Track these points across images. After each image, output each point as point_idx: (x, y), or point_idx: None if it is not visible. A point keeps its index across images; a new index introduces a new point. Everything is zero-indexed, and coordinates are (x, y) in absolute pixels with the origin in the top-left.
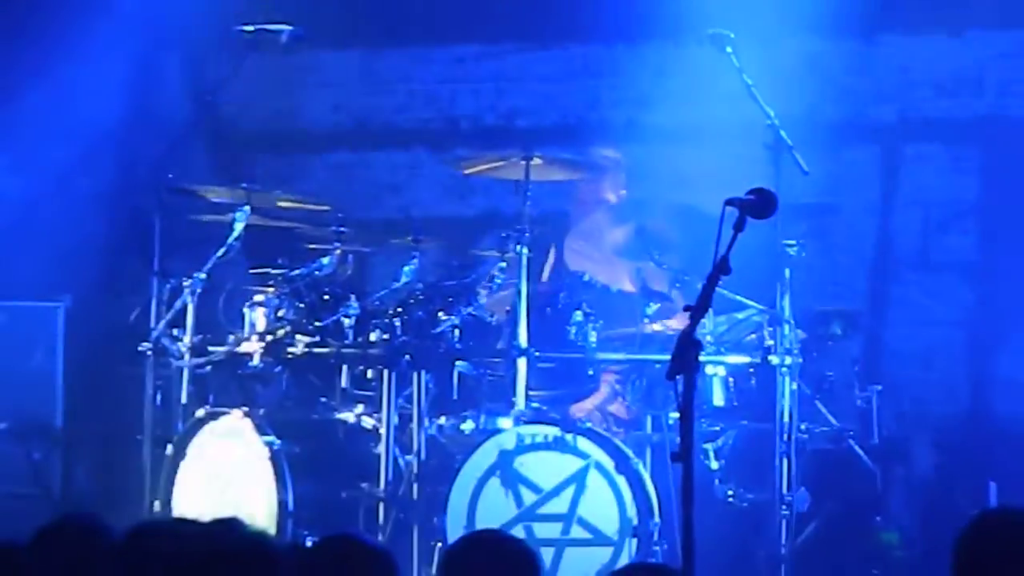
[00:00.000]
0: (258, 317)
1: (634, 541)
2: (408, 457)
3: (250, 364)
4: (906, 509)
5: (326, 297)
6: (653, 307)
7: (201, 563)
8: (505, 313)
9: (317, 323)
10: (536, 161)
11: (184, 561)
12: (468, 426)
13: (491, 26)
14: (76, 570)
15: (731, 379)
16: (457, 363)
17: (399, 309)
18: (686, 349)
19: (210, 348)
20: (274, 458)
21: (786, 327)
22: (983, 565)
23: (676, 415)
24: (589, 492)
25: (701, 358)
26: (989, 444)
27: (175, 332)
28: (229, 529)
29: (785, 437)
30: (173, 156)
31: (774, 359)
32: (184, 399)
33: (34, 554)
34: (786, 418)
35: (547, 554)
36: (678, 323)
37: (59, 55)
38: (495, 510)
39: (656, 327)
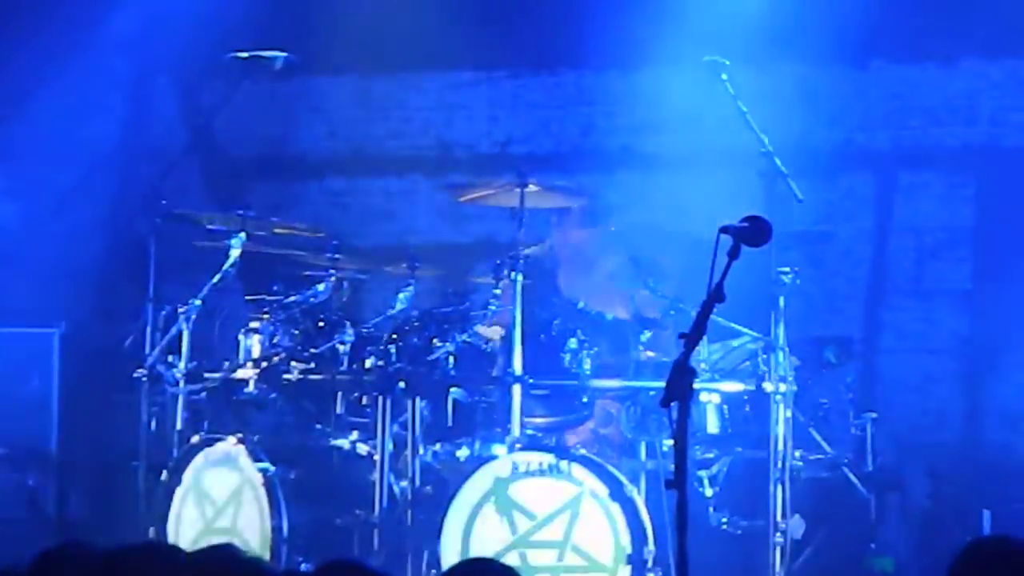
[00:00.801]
0: (253, 343)
1: (628, 568)
2: (403, 483)
3: (245, 390)
4: (900, 537)
5: (321, 324)
6: (647, 335)
7: None
8: (499, 340)
9: (312, 350)
10: (531, 188)
11: None
12: (463, 453)
13: (485, 52)
14: None
15: (725, 406)
16: (452, 390)
17: (394, 336)
18: (680, 376)
19: (205, 374)
20: (268, 484)
21: (780, 354)
22: None
23: (670, 442)
24: (583, 519)
25: (695, 385)
26: (983, 472)
27: (170, 358)
28: (224, 555)
29: (779, 464)
30: (168, 182)
31: (768, 386)
32: (179, 425)
33: None
34: (780, 446)
35: None
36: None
37: (54, 82)
38: (490, 537)
39: (650, 354)
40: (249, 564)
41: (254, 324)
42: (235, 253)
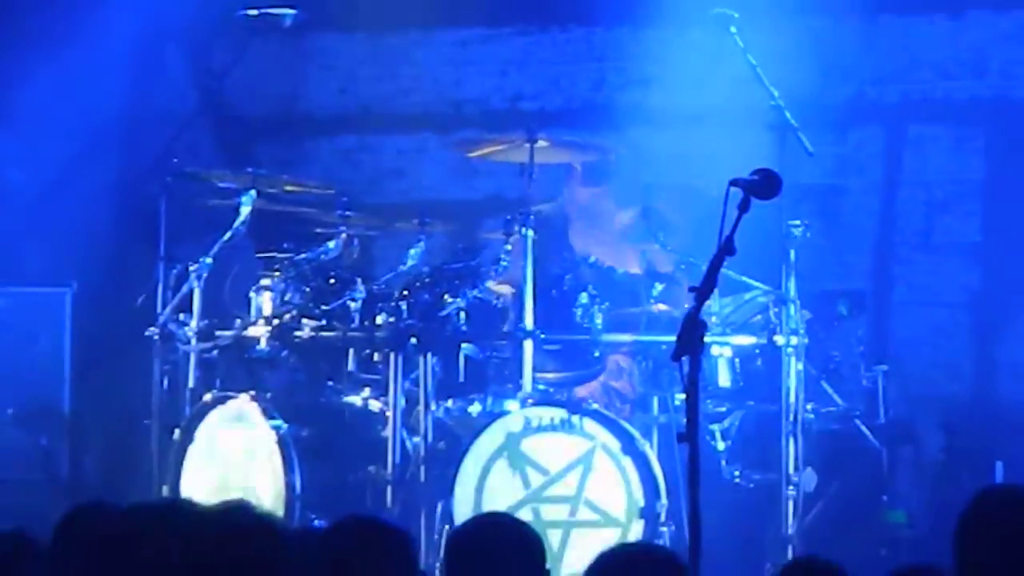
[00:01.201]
0: (264, 301)
1: (641, 522)
2: (415, 440)
3: (257, 348)
4: (912, 489)
5: (332, 281)
6: (659, 288)
7: (212, 544)
8: (511, 296)
9: (323, 307)
10: (541, 143)
11: (194, 542)
12: (475, 408)
13: (495, 9)
14: (90, 554)
15: (737, 360)
16: (463, 346)
17: (405, 292)
18: (691, 330)
19: (217, 333)
20: (281, 442)
21: (791, 308)
22: (985, 541)
23: (682, 396)
24: (596, 473)
25: (706, 339)
26: (995, 424)
27: (182, 317)
28: (239, 511)
29: (791, 418)
30: (178, 142)
31: (780, 340)
32: (191, 384)
33: (56, 540)
34: (792, 399)
35: (554, 536)
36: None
37: (62, 44)
38: (502, 492)
39: (662, 307)
40: (264, 520)
41: (265, 282)
42: (245, 211)
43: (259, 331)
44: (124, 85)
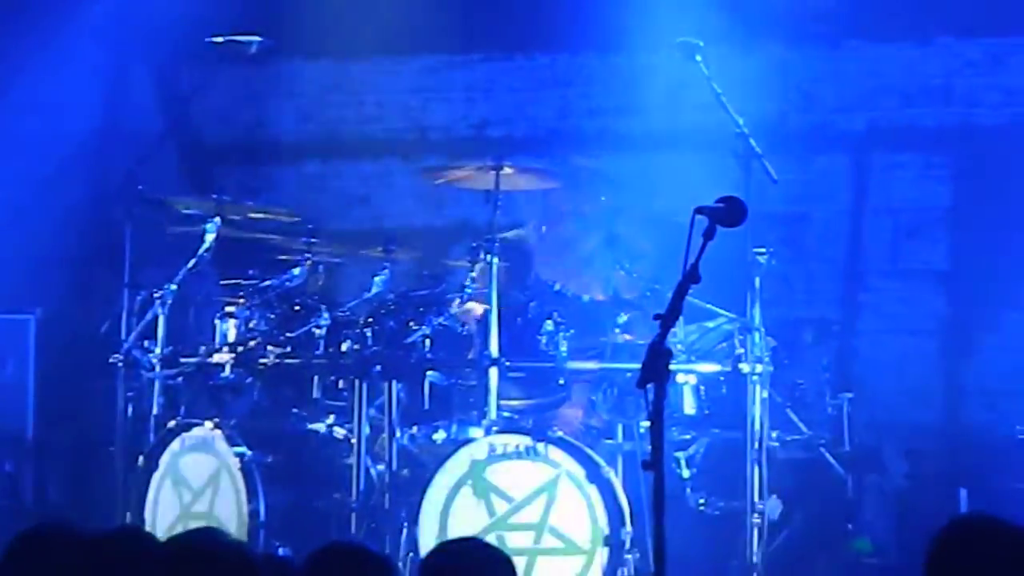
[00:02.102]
0: (229, 328)
1: (606, 550)
2: (380, 467)
3: (221, 375)
4: (878, 516)
5: (297, 308)
6: (624, 316)
7: (183, 568)
8: (481, 314)
9: (288, 334)
10: (506, 171)
11: (165, 566)
12: (440, 436)
13: (461, 36)
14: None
15: (702, 388)
16: (428, 373)
17: (370, 319)
18: (656, 358)
19: (181, 359)
20: (245, 469)
21: (757, 335)
22: (955, 572)
23: (647, 424)
24: (560, 501)
25: (672, 367)
26: (960, 452)
27: (146, 343)
28: (208, 539)
29: (756, 445)
30: (144, 168)
31: (745, 367)
32: (155, 410)
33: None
34: (757, 426)
35: (519, 563)
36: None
37: (29, 68)
38: (467, 520)
39: (627, 337)
40: (232, 548)
41: (230, 308)
42: (210, 238)
43: (223, 358)
44: (91, 110)
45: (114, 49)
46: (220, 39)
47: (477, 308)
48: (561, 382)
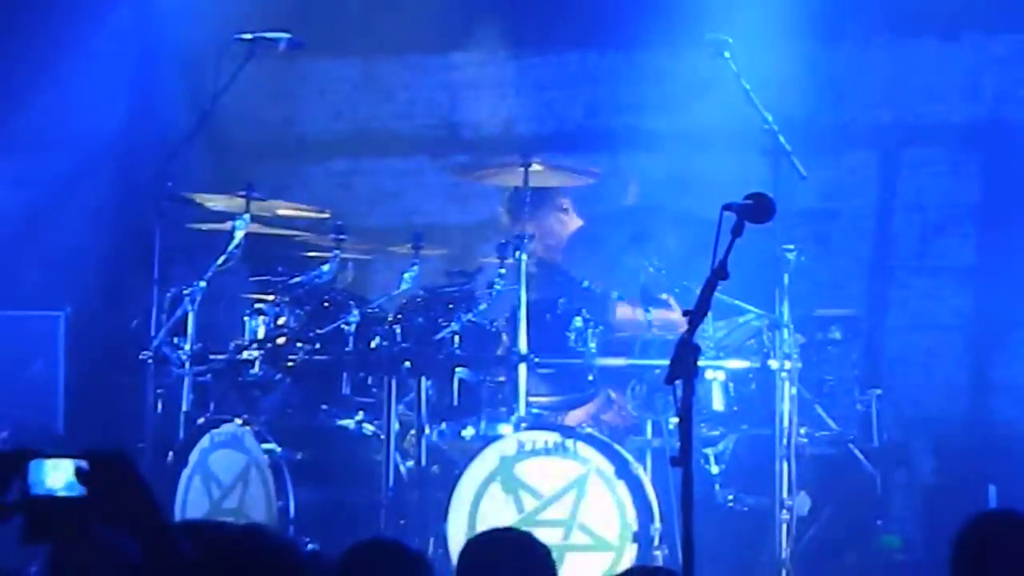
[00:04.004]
0: (258, 325)
1: (634, 546)
2: (409, 463)
3: (251, 372)
4: (907, 513)
5: (326, 304)
6: (653, 312)
7: (234, 566)
8: (504, 319)
9: (317, 330)
10: (535, 167)
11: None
12: (469, 432)
13: (490, 33)
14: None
15: (731, 384)
16: (457, 369)
17: (399, 316)
18: (685, 354)
19: (211, 356)
20: (275, 465)
21: (785, 331)
22: (981, 566)
23: (676, 420)
24: (589, 497)
25: (700, 363)
26: (988, 448)
27: (176, 340)
28: (260, 535)
29: (785, 441)
30: (173, 165)
31: (774, 364)
32: (185, 407)
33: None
34: (786, 422)
35: None
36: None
37: (58, 67)
38: (496, 516)
39: (656, 332)
40: (284, 543)
41: (259, 305)
42: (239, 235)
43: (253, 355)
44: (119, 108)
45: (143, 47)
46: (249, 36)
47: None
48: (590, 378)
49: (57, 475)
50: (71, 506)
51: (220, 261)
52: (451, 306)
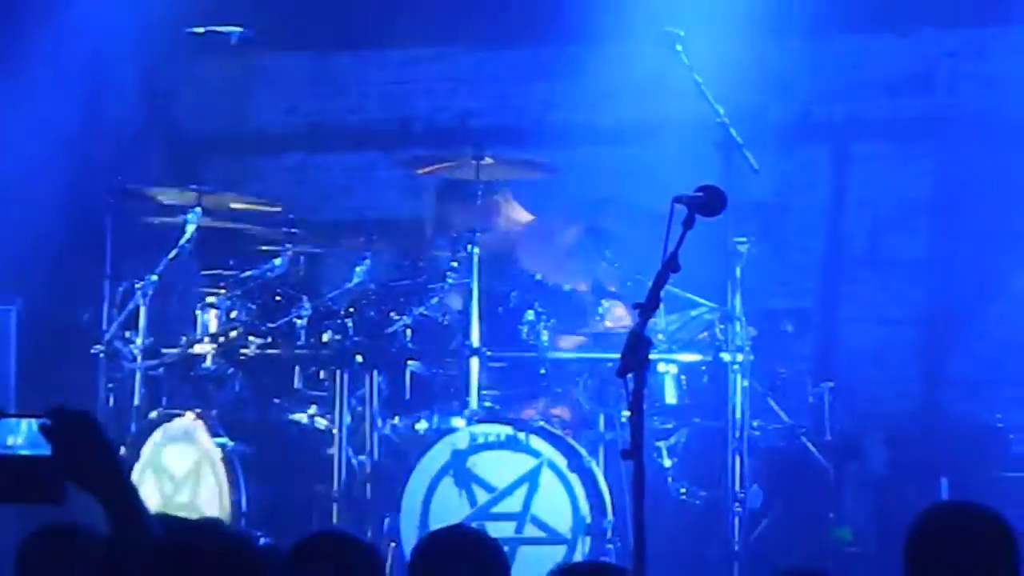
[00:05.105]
0: (210, 319)
1: (588, 539)
2: (361, 457)
3: (203, 366)
4: (859, 505)
5: (278, 298)
6: (605, 306)
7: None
8: (456, 313)
9: (269, 324)
10: (487, 161)
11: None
12: (421, 426)
13: (444, 27)
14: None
15: (683, 377)
16: (410, 363)
17: (351, 309)
18: (637, 347)
19: (163, 350)
20: (227, 459)
21: (738, 324)
22: (933, 558)
23: (628, 413)
24: (542, 490)
25: (652, 356)
26: (941, 440)
27: (127, 334)
28: (213, 529)
29: (737, 434)
30: (125, 159)
31: (726, 356)
32: (137, 401)
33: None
34: (738, 415)
35: None
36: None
37: (10, 61)
38: (449, 509)
39: (608, 325)
40: (236, 537)
41: (211, 299)
42: (191, 228)
43: (205, 348)
44: (72, 102)
45: (96, 40)
46: (201, 30)
47: (456, 300)
48: (542, 372)
49: (18, 435)
50: (36, 464)
51: (172, 255)
52: (403, 300)
